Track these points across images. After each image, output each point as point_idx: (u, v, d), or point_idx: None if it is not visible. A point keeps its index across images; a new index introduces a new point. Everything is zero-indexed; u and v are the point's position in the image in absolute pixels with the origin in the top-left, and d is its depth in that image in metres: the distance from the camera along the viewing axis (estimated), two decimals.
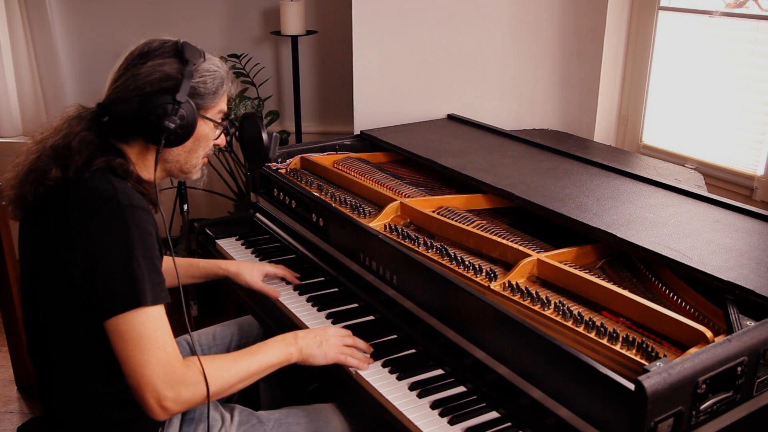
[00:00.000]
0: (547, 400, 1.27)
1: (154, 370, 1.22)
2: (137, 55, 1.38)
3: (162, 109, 1.34)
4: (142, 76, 1.35)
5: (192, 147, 1.45)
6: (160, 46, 1.38)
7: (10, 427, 2.59)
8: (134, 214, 1.27)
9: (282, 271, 1.90)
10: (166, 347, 1.25)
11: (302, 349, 1.49)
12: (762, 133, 2.27)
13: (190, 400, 1.27)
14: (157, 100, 1.34)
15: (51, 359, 1.39)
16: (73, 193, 1.31)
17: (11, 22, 3.38)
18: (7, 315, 2.74)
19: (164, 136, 1.35)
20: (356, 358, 1.52)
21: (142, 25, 3.40)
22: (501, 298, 1.46)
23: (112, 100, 1.37)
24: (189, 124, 1.38)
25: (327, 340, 1.52)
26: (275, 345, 1.47)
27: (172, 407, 1.24)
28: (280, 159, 2.26)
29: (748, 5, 2.33)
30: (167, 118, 1.34)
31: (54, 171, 1.31)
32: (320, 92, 3.50)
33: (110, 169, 1.34)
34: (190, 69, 1.37)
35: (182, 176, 1.51)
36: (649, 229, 1.59)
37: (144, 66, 1.35)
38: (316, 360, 1.50)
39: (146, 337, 1.23)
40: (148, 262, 1.26)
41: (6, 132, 3.51)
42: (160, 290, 1.28)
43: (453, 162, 2.06)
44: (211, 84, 1.43)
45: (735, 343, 1.16)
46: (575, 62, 2.64)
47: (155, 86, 1.35)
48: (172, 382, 1.23)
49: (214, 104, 1.46)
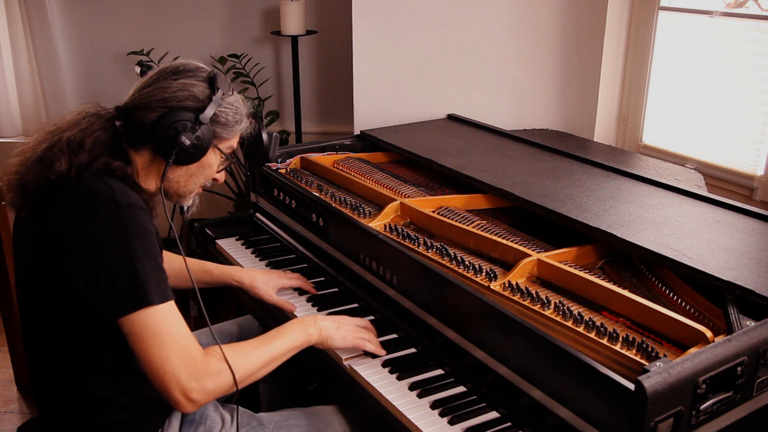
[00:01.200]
0: (547, 400, 1.27)
1: (176, 364, 1.22)
2: (171, 71, 1.39)
3: (183, 125, 1.35)
4: (171, 90, 1.36)
5: (195, 172, 1.46)
6: (195, 69, 1.41)
7: (10, 427, 2.59)
8: (133, 213, 1.27)
9: (297, 281, 1.86)
10: (185, 340, 1.25)
11: (321, 330, 1.50)
12: (762, 133, 2.27)
13: (215, 390, 1.27)
14: (180, 116, 1.35)
15: (48, 361, 1.38)
16: (71, 194, 1.30)
17: (11, 22, 3.37)
18: (7, 315, 2.74)
19: (175, 151, 1.36)
20: (372, 343, 1.54)
21: (142, 25, 3.40)
22: (501, 298, 1.46)
23: (135, 106, 1.38)
24: (202, 146, 1.39)
25: (345, 325, 1.54)
26: (295, 327, 1.48)
27: (199, 398, 1.24)
28: (280, 159, 2.26)
29: (748, 5, 2.34)
30: (184, 134, 1.35)
31: (62, 164, 1.31)
32: (320, 92, 3.50)
33: (108, 171, 1.34)
34: (218, 97, 1.39)
35: (176, 199, 1.51)
36: (649, 229, 1.59)
37: (175, 82, 1.37)
38: (335, 342, 1.51)
39: (162, 334, 1.23)
40: (151, 261, 1.26)
41: (6, 132, 3.51)
42: (165, 288, 1.28)
43: (453, 162, 2.06)
44: (232, 117, 1.45)
45: (735, 343, 1.16)
46: (575, 62, 2.64)
47: (182, 102, 1.36)
48: (195, 374, 1.24)
49: (229, 137, 1.47)
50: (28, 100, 3.50)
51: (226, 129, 1.44)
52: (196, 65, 1.42)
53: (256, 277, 1.82)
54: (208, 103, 1.38)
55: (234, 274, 1.83)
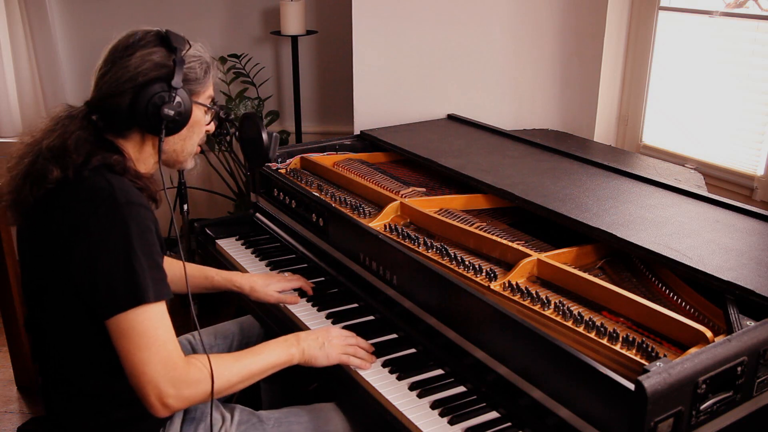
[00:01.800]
0: (547, 400, 1.27)
1: (156, 368, 1.22)
2: (122, 48, 1.36)
3: (159, 97, 1.33)
4: (132, 67, 1.34)
5: (187, 134, 1.45)
6: (144, 36, 1.38)
7: (10, 427, 2.59)
8: (132, 211, 1.27)
9: (297, 282, 1.85)
10: (168, 345, 1.25)
11: (304, 350, 1.49)
12: (762, 133, 2.27)
13: (191, 398, 1.27)
14: (153, 89, 1.34)
15: (53, 359, 1.38)
16: (71, 193, 1.30)
17: (11, 22, 3.37)
18: (7, 315, 2.74)
19: (164, 125, 1.35)
20: (359, 357, 1.52)
21: (142, 25, 3.39)
22: (501, 298, 1.46)
23: (103, 95, 1.36)
24: (186, 110, 1.38)
25: (329, 341, 1.52)
26: (277, 346, 1.47)
27: (174, 404, 1.24)
28: (280, 159, 2.26)
29: (748, 5, 2.33)
30: (166, 106, 1.34)
31: (54, 172, 1.30)
32: (320, 92, 3.50)
33: (107, 166, 1.33)
34: (180, 56, 1.37)
35: (177, 166, 1.50)
36: (649, 229, 1.58)
37: (132, 57, 1.34)
38: (318, 361, 1.50)
39: (148, 336, 1.23)
40: (148, 259, 1.26)
41: (6, 132, 3.51)
42: (162, 286, 1.27)
43: (453, 162, 2.06)
44: (200, 69, 1.43)
45: (735, 343, 1.16)
46: (575, 62, 2.64)
47: (148, 76, 1.34)
48: (174, 380, 1.23)
49: (204, 89, 1.46)
50: (28, 100, 3.50)
51: (198, 83, 1.43)
52: (143, 31, 1.39)
53: (256, 281, 1.82)
54: (174, 67, 1.35)
55: (234, 280, 1.83)
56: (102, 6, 3.40)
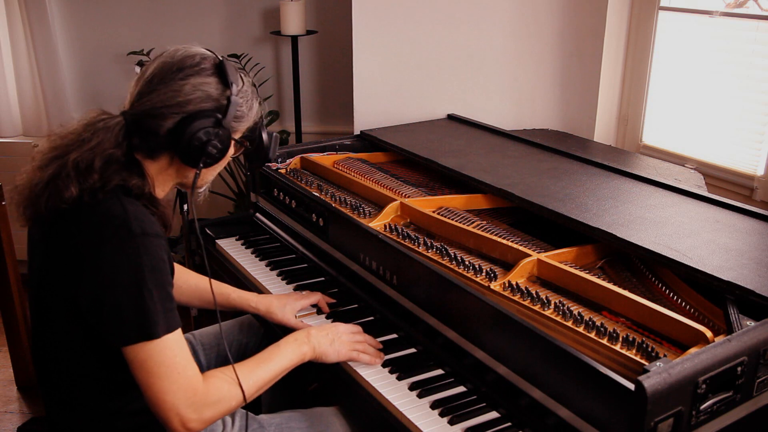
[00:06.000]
0: (547, 400, 1.27)
1: (176, 395, 1.22)
2: (176, 68, 1.31)
3: (206, 132, 1.31)
4: (184, 93, 1.30)
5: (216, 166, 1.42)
6: (200, 62, 1.33)
7: (10, 427, 2.59)
8: (146, 242, 1.23)
9: (314, 297, 1.77)
10: (187, 371, 1.25)
11: (315, 347, 1.49)
12: (762, 133, 2.27)
13: (213, 418, 1.29)
14: (202, 123, 1.30)
15: (55, 368, 1.37)
16: (85, 215, 1.26)
17: (11, 22, 3.37)
18: (7, 315, 2.74)
19: (203, 159, 1.32)
20: (368, 353, 1.53)
21: (142, 25, 3.40)
22: (501, 298, 1.46)
23: (146, 113, 1.31)
24: (225, 147, 1.36)
25: (339, 338, 1.53)
26: (289, 346, 1.47)
27: (196, 427, 1.26)
28: (280, 159, 2.26)
29: (748, 5, 2.33)
30: (211, 143, 1.31)
31: (71, 191, 1.25)
32: (320, 92, 3.50)
33: (124, 189, 1.30)
34: (235, 95, 1.34)
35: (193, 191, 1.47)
36: (649, 229, 1.59)
37: (185, 82, 1.30)
38: (329, 358, 1.51)
39: (166, 365, 1.22)
40: (160, 291, 1.24)
41: (6, 132, 3.51)
42: (172, 317, 1.26)
43: (453, 162, 2.06)
44: (246, 107, 1.41)
45: (735, 343, 1.16)
46: (575, 62, 2.64)
47: (198, 106, 1.31)
48: (195, 404, 1.24)
49: (244, 126, 1.44)
50: (28, 100, 3.50)
51: (242, 121, 1.42)
52: (200, 55, 1.35)
53: (272, 302, 1.75)
54: (226, 104, 1.33)
55: (251, 302, 1.77)
56: (102, 6, 3.40)
